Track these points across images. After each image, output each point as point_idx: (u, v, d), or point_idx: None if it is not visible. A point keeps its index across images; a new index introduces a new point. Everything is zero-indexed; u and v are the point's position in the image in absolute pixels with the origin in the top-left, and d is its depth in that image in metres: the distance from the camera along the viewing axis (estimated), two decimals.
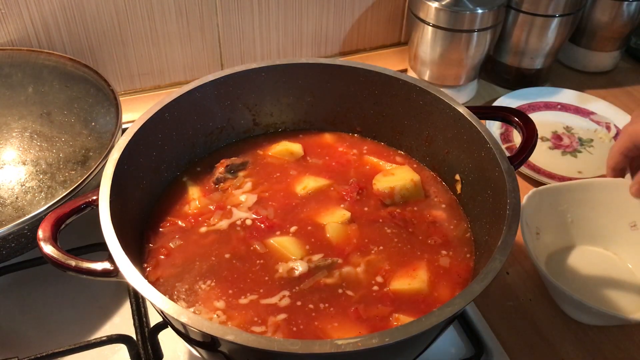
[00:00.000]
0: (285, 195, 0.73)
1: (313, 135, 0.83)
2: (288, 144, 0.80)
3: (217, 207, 0.72)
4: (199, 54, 1.07)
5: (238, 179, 0.75)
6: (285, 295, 0.61)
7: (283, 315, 0.59)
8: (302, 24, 1.10)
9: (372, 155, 0.79)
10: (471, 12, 0.97)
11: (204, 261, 0.65)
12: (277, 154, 0.80)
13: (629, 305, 0.73)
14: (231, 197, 0.73)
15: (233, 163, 0.76)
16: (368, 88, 0.78)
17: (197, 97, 0.74)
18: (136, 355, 0.66)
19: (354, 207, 0.72)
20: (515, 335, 0.72)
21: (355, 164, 0.79)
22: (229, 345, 0.49)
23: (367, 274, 0.64)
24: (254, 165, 0.78)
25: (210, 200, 0.73)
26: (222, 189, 0.74)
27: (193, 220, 0.70)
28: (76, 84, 0.88)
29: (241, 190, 0.74)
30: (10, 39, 0.94)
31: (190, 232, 0.69)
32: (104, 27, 0.98)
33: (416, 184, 0.73)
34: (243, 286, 0.62)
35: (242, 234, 0.68)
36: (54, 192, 0.74)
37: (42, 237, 0.56)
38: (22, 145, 0.81)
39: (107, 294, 0.75)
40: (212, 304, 0.60)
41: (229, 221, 0.70)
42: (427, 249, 0.67)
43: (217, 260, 0.65)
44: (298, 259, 0.65)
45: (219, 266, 0.65)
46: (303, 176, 0.76)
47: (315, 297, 0.61)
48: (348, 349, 0.46)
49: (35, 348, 0.66)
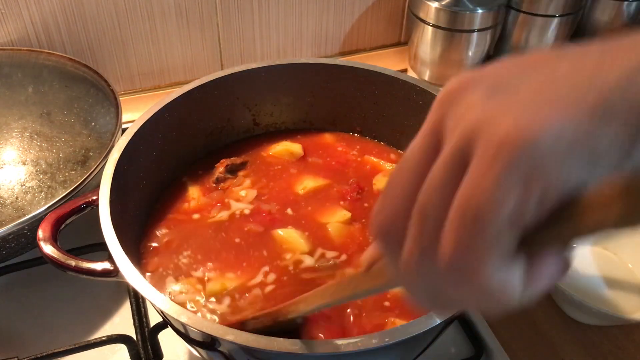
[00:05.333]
0: (286, 194, 0.74)
1: (313, 135, 0.83)
2: (288, 144, 0.80)
3: (217, 203, 0.72)
4: (199, 54, 1.07)
5: (238, 178, 0.75)
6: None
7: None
8: (302, 24, 1.10)
9: (372, 155, 0.79)
10: (471, 12, 0.97)
11: (206, 253, 0.66)
12: (277, 153, 0.80)
13: (629, 305, 0.73)
14: (231, 194, 0.73)
15: (233, 163, 0.76)
16: (368, 88, 0.78)
17: (197, 97, 0.74)
18: (136, 355, 0.66)
19: (355, 207, 0.72)
20: (515, 335, 0.72)
21: (355, 163, 0.79)
22: (229, 345, 0.49)
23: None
24: (254, 165, 0.78)
25: (210, 199, 0.73)
26: (222, 189, 0.74)
27: (194, 214, 0.71)
28: (76, 84, 0.88)
29: (241, 187, 0.74)
30: (10, 39, 0.94)
31: (191, 227, 0.69)
32: (104, 27, 0.98)
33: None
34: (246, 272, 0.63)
35: (243, 222, 0.69)
36: (54, 192, 0.74)
37: (42, 237, 0.56)
38: (22, 145, 0.81)
39: (107, 294, 0.75)
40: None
41: (229, 212, 0.70)
42: None
43: (220, 246, 0.66)
44: (306, 252, 0.65)
45: (221, 253, 0.66)
46: (303, 176, 0.76)
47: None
48: (348, 349, 0.46)
49: (35, 348, 0.66)
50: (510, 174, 0.23)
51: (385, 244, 0.30)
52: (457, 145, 0.25)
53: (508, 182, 0.23)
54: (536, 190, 0.23)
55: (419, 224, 0.27)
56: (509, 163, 0.23)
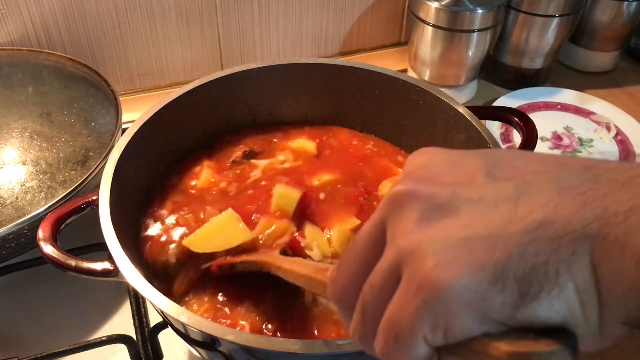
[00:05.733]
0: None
1: (326, 131, 0.82)
2: (303, 141, 0.80)
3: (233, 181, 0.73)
4: (199, 54, 1.07)
5: (251, 165, 0.76)
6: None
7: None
8: (302, 24, 1.10)
9: (383, 157, 0.78)
10: (471, 12, 0.97)
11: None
12: (293, 149, 0.79)
13: None
14: (244, 175, 0.74)
15: (251, 150, 0.77)
16: (368, 88, 0.78)
17: (197, 97, 0.74)
18: (136, 355, 0.66)
19: (363, 213, 0.69)
20: None
21: (369, 163, 0.77)
22: (228, 345, 0.49)
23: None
24: (267, 156, 0.78)
25: (223, 177, 0.74)
26: (236, 170, 0.75)
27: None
28: (76, 84, 0.88)
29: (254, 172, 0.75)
30: (10, 39, 0.94)
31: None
32: (104, 27, 0.98)
33: None
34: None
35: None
36: (54, 192, 0.74)
37: (42, 237, 0.56)
38: (22, 145, 0.81)
39: (107, 294, 0.75)
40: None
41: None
42: None
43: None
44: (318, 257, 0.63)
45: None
46: (315, 173, 0.74)
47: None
48: (348, 349, 0.46)
49: (35, 348, 0.66)
50: (423, 311, 0.29)
51: (339, 306, 0.37)
52: (391, 262, 0.32)
53: (421, 317, 0.29)
54: (441, 328, 0.29)
55: (361, 313, 0.34)
56: (423, 302, 0.29)
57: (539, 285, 0.27)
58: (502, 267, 0.28)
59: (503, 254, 0.28)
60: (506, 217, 0.29)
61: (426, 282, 0.29)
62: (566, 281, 0.27)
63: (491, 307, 0.28)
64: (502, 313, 0.28)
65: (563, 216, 0.28)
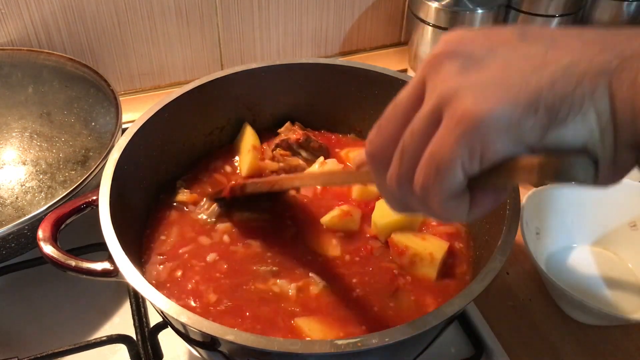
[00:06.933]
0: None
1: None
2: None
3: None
4: (199, 54, 1.07)
5: (295, 158, 0.77)
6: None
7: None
8: (302, 24, 1.10)
9: None
10: (471, 12, 0.97)
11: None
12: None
13: (629, 305, 0.73)
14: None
15: (311, 140, 0.78)
16: (368, 88, 0.78)
17: (197, 97, 0.74)
18: (136, 355, 0.66)
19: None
20: (515, 335, 0.72)
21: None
22: (228, 345, 0.49)
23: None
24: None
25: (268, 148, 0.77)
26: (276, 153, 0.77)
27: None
28: (76, 84, 0.88)
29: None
30: (10, 39, 0.94)
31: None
32: (104, 27, 0.98)
33: (433, 258, 0.63)
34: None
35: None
36: (54, 192, 0.74)
37: (42, 237, 0.56)
38: (22, 145, 0.81)
39: (107, 294, 0.75)
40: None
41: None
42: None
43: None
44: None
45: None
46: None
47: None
48: (348, 349, 0.46)
49: (35, 348, 0.66)
50: (463, 141, 0.34)
51: (374, 165, 0.41)
52: (432, 107, 0.36)
53: (461, 146, 0.34)
54: (478, 154, 0.34)
55: (400, 157, 0.38)
56: (463, 133, 0.34)
57: (566, 111, 0.32)
58: (535, 97, 0.33)
59: (536, 87, 0.33)
60: (538, 62, 0.34)
61: (465, 115, 0.33)
62: (588, 108, 0.32)
63: (524, 130, 0.33)
64: (533, 135, 0.33)
65: (587, 57, 0.33)
